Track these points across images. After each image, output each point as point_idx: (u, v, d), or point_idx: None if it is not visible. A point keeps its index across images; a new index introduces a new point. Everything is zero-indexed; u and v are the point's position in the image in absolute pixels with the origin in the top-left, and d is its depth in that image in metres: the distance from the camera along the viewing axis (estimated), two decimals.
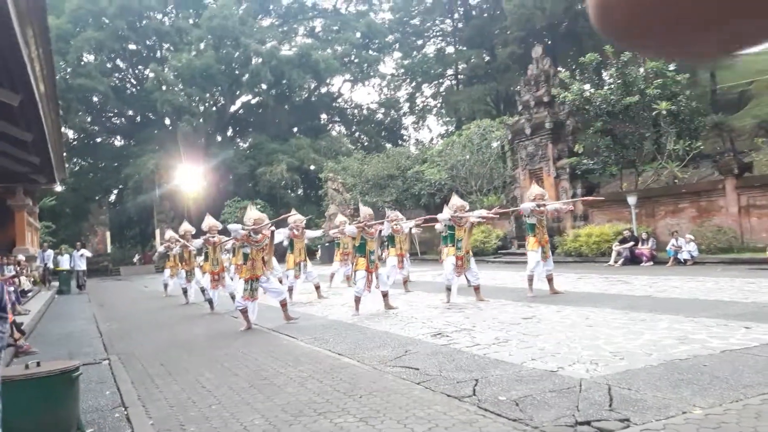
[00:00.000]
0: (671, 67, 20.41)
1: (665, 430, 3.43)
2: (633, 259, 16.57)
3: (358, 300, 9.56)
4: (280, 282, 11.52)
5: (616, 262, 16.76)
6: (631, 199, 17.70)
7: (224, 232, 11.00)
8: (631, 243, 16.91)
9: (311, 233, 13.56)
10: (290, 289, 12.26)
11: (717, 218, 16.85)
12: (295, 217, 12.63)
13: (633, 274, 13.70)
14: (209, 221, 11.81)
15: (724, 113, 26.22)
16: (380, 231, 10.20)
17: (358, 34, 46.98)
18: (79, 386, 4.22)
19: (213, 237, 11.51)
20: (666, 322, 6.87)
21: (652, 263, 16.15)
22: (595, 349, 5.64)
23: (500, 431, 3.63)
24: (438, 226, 11.80)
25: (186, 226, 14.19)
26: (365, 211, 9.92)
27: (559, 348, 5.83)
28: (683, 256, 15.48)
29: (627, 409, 3.83)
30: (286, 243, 12.58)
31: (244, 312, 8.94)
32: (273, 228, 9.20)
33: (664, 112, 18.37)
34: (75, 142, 45.03)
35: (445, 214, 10.37)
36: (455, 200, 10.57)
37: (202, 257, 13.81)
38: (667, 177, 19.32)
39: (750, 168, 17.15)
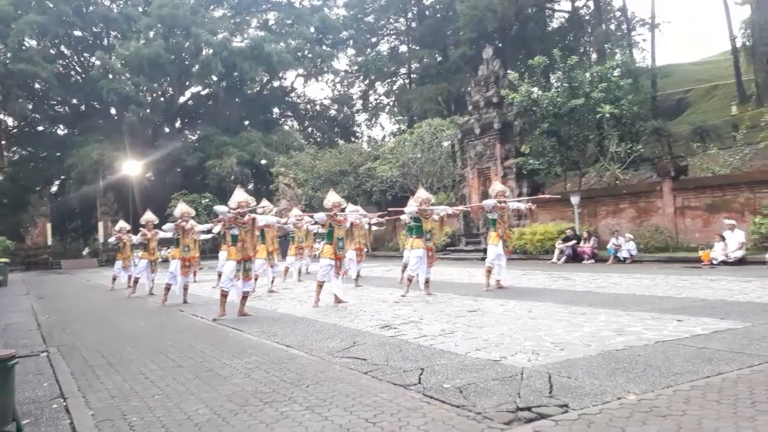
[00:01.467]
0: (616, 72, 21.13)
1: (601, 415, 3.58)
2: (575, 257, 17.10)
3: (320, 287, 9.53)
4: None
5: (558, 259, 17.26)
6: (574, 199, 18.24)
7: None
8: (574, 241, 17.45)
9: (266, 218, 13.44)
10: (255, 278, 12.09)
11: (654, 218, 17.55)
12: (264, 204, 12.54)
13: (575, 271, 14.14)
14: (182, 207, 11.75)
15: (663, 119, 27.32)
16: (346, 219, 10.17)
17: (312, 29, 46.71)
18: (15, 376, 4.09)
19: (185, 222, 11.34)
20: (604, 315, 7.15)
21: (593, 261, 16.71)
22: (536, 340, 5.83)
23: (444, 417, 3.71)
24: (404, 217, 11.93)
25: (148, 216, 13.87)
26: (334, 198, 9.87)
27: (502, 339, 5.99)
28: (623, 254, 16.07)
29: (566, 396, 3.97)
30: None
31: (225, 296, 8.90)
32: (253, 215, 9.10)
33: (608, 116, 18.99)
34: (15, 130, 43.23)
35: (412, 207, 10.46)
36: (421, 193, 10.67)
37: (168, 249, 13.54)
38: (608, 178, 19.99)
39: (686, 171, 17.92)
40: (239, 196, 9.14)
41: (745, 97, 30.84)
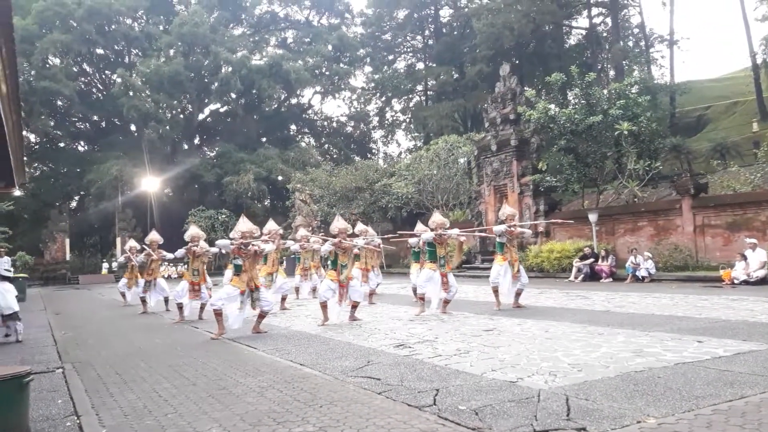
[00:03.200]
0: (634, 89, 21.04)
1: None
2: (593, 276, 16.90)
3: (324, 306, 9.50)
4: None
5: (576, 277, 17.07)
6: (592, 217, 18.08)
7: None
8: (591, 260, 17.25)
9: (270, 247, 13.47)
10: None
11: (674, 237, 17.32)
12: (270, 227, 12.51)
13: (592, 289, 13.97)
14: (193, 231, 11.66)
15: (682, 136, 27.08)
16: (353, 247, 10.12)
17: (330, 47, 47.14)
18: (30, 393, 4.10)
19: (195, 246, 11.32)
20: (623, 335, 7.02)
21: (611, 279, 16.50)
22: (553, 361, 5.73)
23: None
24: (412, 241, 11.82)
25: (153, 236, 13.93)
26: (340, 225, 9.84)
27: (518, 359, 5.90)
28: (641, 273, 15.85)
29: (584, 419, 3.89)
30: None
31: (219, 314, 8.81)
32: (257, 248, 9.04)
33: (626, 133, 18.87)
34: (36, 146, 43.99)
35: (428, 234, 10.32)
36: (436, 217, 10.49)
37: (170, 266, 13.61)
38: (627, 196, 19.82)
39: (705, 189, 17.71)
40: (243, 225, 9.08)
41: (765, 113, 30.50)
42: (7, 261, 22.75)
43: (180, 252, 11.62)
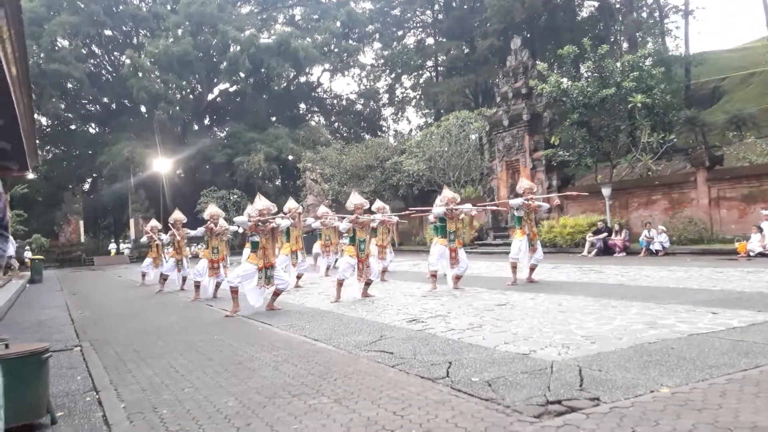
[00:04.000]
0: (647, 61, 20.69)
1: (633, 408, 3.50)
2: (606, 250, 16.83)
3: (340, 284, 9.56)
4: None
5: (589, 252, 17.01)
6: (606, 191, 17.94)
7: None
8: (605, 234, 17.17)
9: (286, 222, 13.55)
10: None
11: (688, 210, 17.17)
12: (290, 205, 12.56)
13: (606, 264, 13.92)
14: (211, 209, 11.78)
15: (697, 108, 26.66)
16: (371, 226, 10.15)
17: (339, 24, 46.72)
18: (49, 369, 4.17)
19: (214, 224, 11.45)
20: (636, 308, 7.00)
21: (624, 254, 16.43)
22: (566, 334, 5.73)
23: (472, 410, 3.67)
24: (431, 217, 11.83)
25: (177, 215, 14.04)
26: (356, 200, 9.89)
27: (531, 333, 5.91)
28: (655, 247, 15.76)
29: (597, 389, 3.89)
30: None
31: (235, 292, 8.91)
32: (274, 224, 9.09)
33: (639, 105, 18.63)
34: (48, 129, 44.25)
35: (439, 208, 10.35)
36: (447, 192, 10.52)
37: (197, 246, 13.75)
38: (641, 169, 19.63)
39: (721, 161, 17.50)
40: (260, 203, 9.13)
41: None
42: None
43: (200, 230, 11.75)
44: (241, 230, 9.99)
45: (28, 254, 33.97)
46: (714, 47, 45.77)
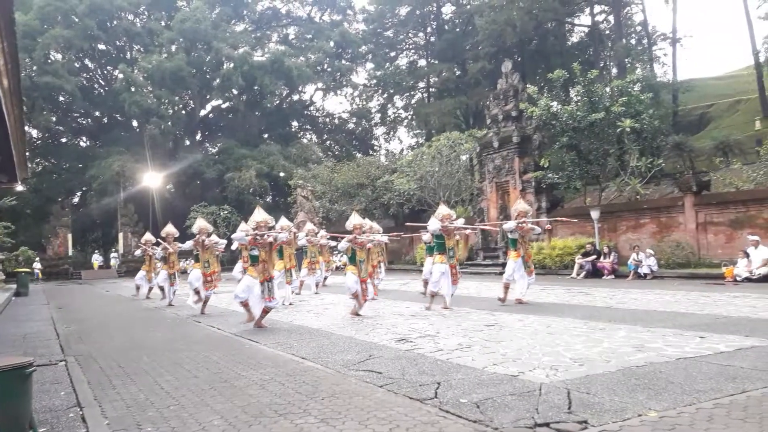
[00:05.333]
0: (636, 86, 20.98)
1: (621, 431, 3.50)
2: (595, 272, 16.89)
3: (356, 296, 9.59)
4: None
5: (578, 274, 17.07)
6: (594, 214, 18.05)
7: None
8: (593, 257, 17.25)
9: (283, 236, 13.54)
10: None
11: (676, 234, 17.30)
12: (282, 223, 12.57)
13: (594, 286, 13.97)
14: (200, 223, 11.77)
15: (684, 133, 27.00)
16: (368, 247, 10.19)
17: (332, 44, 47.05)
18: (32, 384, 4.11)
19: (204, 238, 11.39)
20: (624, 331, 7.03)
21: (613, 276, 16.49)
22: (555, 356, 5.74)
23: None
24: (425, 237, 11.83)
25: (169, 228, 13.99)
26: (356, 220, 9.98)
27: (520, 354, 5.91)
28: (643, 270, 15.84)
29: (585, 412, 3.89)
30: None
31: (246, 305, 8.95)
32: (271, 238, 9.06)
33: (628, 130, 18.82)
34: (39, 142, 44.02)
35: (435, 224, 10.38)
36: (442, 209, 10.56)
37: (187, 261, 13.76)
38: (629, 193, 19.78)
39: (708, 187, 17.68)
40: (259, 216, 9.11)
41: None
42: None
43: (188, 244, 11.68)
44: (235, 246, 9.96)
45: (37, 266, 33.75)
46: (701, 74, 46.43)
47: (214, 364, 6.22)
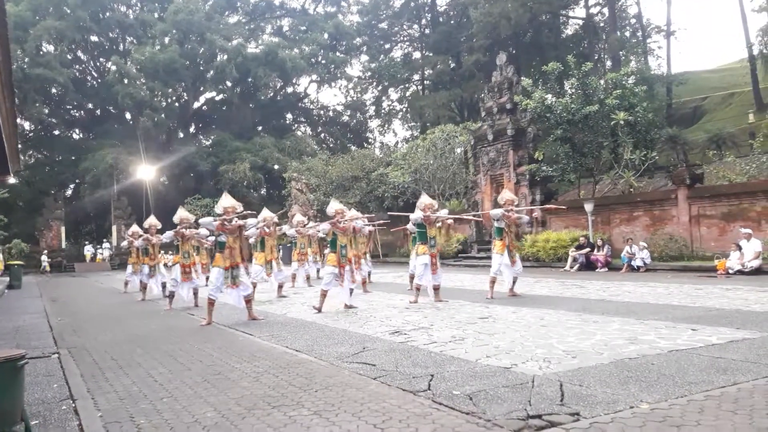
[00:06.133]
0: (630, 79, 21.00)
1: (613, 423, 3.51)
2: (588, 265, 16.95)
3: (324, 295, 9.51)
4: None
5: (571, 267, 17.12)
6: (588, 207, 18.10)
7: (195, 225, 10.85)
8: (587, 249, 17.30)
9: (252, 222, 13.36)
10: (253, 285, 12.17)
11: (669, 227, 17.37)
12: (265, 214, 12.51)
13: (588, 279, 14.01)
14: (181, 213, 11.58)
15: (678, 126, 27.09)
16: (354, 229, 10.10)
17: (326, 35, 46.86)
18: (24, 377, 4.09)
19: (184, 229, 11.30)
20: (617, 323, 7.05)
21: (606, 269, 16.55)
22: (548, 348, 5.76)
23: (453, 424, 3.66)
24: (409, 227, 11.75)
25: (151, 220, 13.89)
26: (336, 206, 9.87)
27: (513, 346, 5.93)
28: (636, 263, 15.91)
29: (577, 404, 3.91)
30: (252, 241, 12.46)
31: (212, 303, 8.81)
32: (240, 222, 9.00)
33: (622, 122, 18.86)
34: (31, 134, 43.74)
35: (416, 214, 10.37)
36: (424, 198, 10.56)
37: (166, 253, 13.67)
38: (623, 186, 19.84)
39: (701, 179, 17.74)
40: (226, 201, 9.01)
41: (762, 104, 30.54)
42: None
43: (168, 234, 11.58)
44: (206, 232, 9.89)
45: (45, 259, 33.58)
46: (695, 67, 46.58)
47: (208, 357, 6.22)
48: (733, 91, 35.44)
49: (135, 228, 15.70)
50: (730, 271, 13.50)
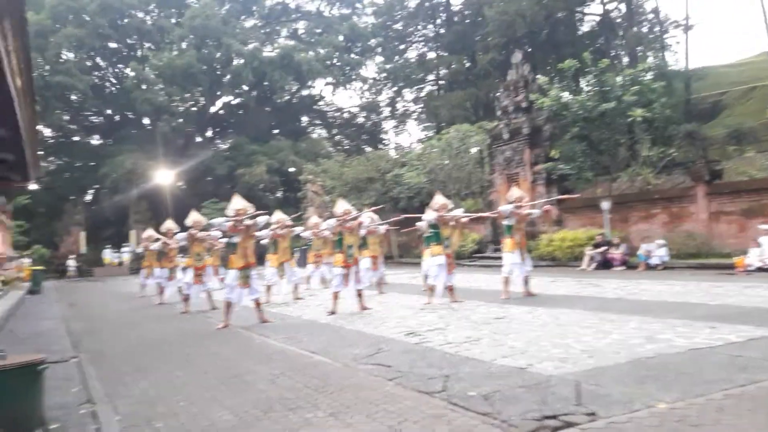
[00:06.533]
0: (648, 75, 20.76)
1: (630, 423, 3.49)
2: (605, 264, 16.77)
3: (335, 296, 9.55)
4: None
5: (588, 266, 16.95)
6: (605, 204, 17.91)
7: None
8: (604, 248, 17.12)
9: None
10: (267, 288, 12.26)
11: (687, 224, 17.14)
12: (279, 217, 12.58)
13: (605, 277, 13.88)
14: (194, 216, 11.72)
15: (697, 122, 26.70)
16: (360, 224, 10.09)
17: (341, 37, 46.95)
18: (45, 381, 4.16)
19: (197, 232, 11.42)
20: (634, 322, 6.98)
21: (623, 267, 16.36)
22: (564, 348, 5.72)
23: (469, 425, 3.66)
24: (422, 225, 11.69)
25: (169, 224, 14.05)
26: (343, 206, 9.90)
27: (529, 346, 5.90)
28: (654, 261, 15.70)
29: (594, 404, 3.88)
30: (265, 242, 12.54)
31: (229, 305, 8.90)
32: (249, 222, 9.09)
33: (639, 119, 18.64)
34: (52, 140, 44.35)
35: (429, 215, 10.36)
36: (438, 199, 10.54)
37: (183, 256, 13.79)
38: (640, 183, 19.60)
39: (720, 176, 17.48)
40: (237, 203, 9.15)
41: None
42: None
43: (181, 235, 11.72)
44: (218, 233, 10.01)
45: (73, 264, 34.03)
46: (714, 62, 45.82)
47: (224, 359, 6.27)
48: (754, 86, 34.84)
49: (150, 232, 15.87)
50: (750, 269, 13.27)
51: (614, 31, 38.88)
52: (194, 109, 46.49)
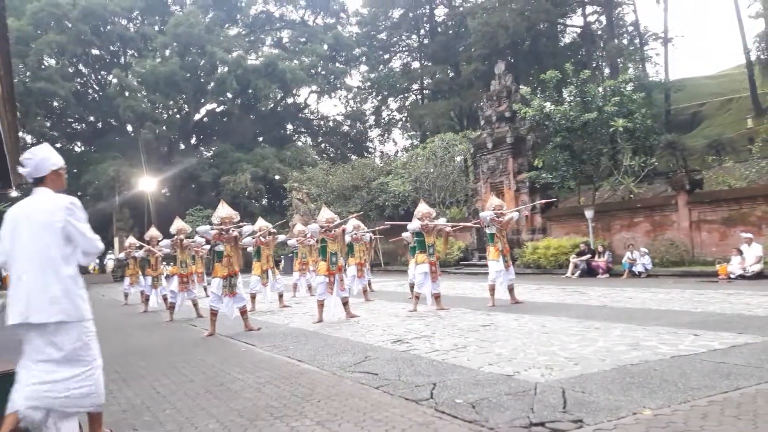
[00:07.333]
0: (629, 86, 21.06)
1: (616, 430, 3.51)
2: (589, 272, 16.93)
3: (320, 305, 9.52)
4: None
5: (573, 274, 17.10)
6: (588, 213, 18.10)
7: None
8: (588, 256, 17.29)
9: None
10: (252, 297, 12.19)
11: (670, 232, 17.37)
12: (262, 224, 12.54)
13: (589, 285, 14.00)
14: (178, 224, 11.61)
15: (677, 132, 27.11)
16: (344, 230, 10.07)
17: (326, 47, 47.11)
18: None
19: (183, 239, 11.33)
20: (619, 330, 7.05)
21: (607, 275, 16.54)
22: (550, 355, 5.75)
23: None
24: (406, 235, 11.72)
25: (153, 232, 13.94)
26: (327, 215, 9.88)
27: (515, 354, 5.93)
28: (638, 268, 15.89)
29: (580, 411, 3.91)
30: (250, 249, 12.48)
31: (215, 314, 8.83)
32: (236, 232, 9.05)
33: (621, 129, 18.87)
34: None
35: (414, 224, 10.38)
36: (422, 207, 10.59)
37: (167, 264, 13.70)
38: (623, 192, 19.83)
39: (701, 185, 17.74)
40: (223, 211, 9.08)
41: (760, 109, 30.58)
42: None
43: (166, 242, 11.62)
44: (202, 240, 9.94)
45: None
46: (693, 73, 46.65)
47: (210, 368, 6.22)
48: (731, 97, 35.50)
49: (132, 240, 15.74)
50: (732, 276, 13.49)
51: (595, 42, 39.42)
52: (178, 116, 46.29)
